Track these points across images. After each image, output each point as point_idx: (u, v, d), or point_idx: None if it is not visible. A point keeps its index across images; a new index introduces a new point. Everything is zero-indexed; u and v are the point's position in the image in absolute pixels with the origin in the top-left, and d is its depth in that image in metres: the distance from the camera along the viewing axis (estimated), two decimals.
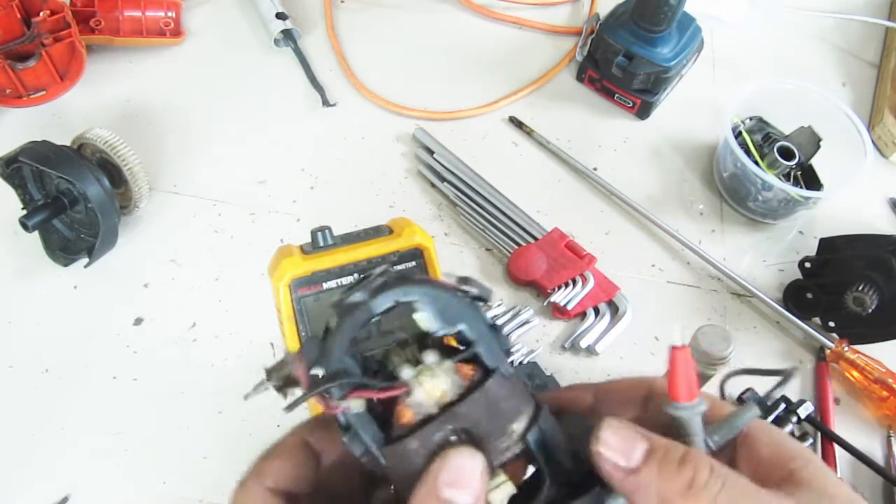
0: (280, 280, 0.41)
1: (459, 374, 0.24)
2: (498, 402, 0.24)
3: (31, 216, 0.59)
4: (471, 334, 0.25)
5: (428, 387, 0.23)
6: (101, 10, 0.74)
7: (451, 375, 0.24)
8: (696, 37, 0.76)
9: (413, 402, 0.24)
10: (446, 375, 0.24)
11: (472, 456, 0.23)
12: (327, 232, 0.43)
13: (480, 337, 0.25)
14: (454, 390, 0.24)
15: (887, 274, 0.61)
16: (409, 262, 0.44)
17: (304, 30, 0.82)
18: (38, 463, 0.55)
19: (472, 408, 0.23)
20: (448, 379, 0.24)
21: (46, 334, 0.60)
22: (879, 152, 0.80)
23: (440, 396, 0.23)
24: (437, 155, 0.71)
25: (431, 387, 0.23)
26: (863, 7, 0.93)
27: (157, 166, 0.70)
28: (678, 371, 0.24)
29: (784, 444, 0.25)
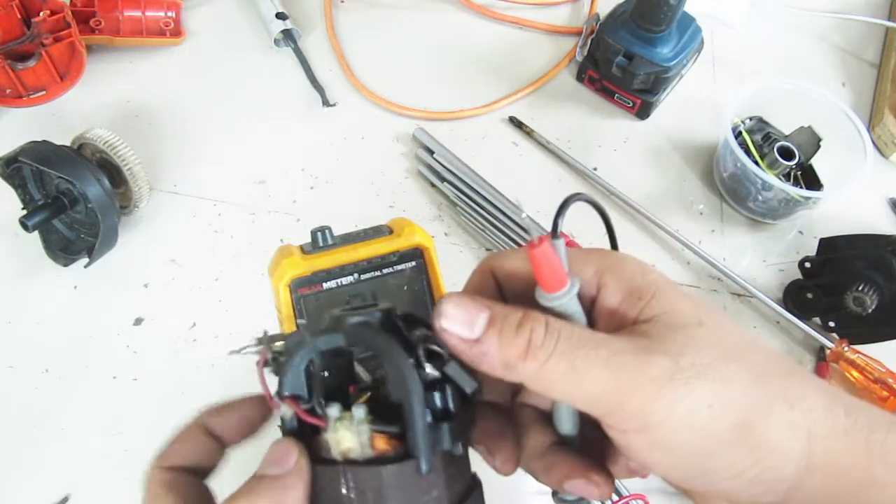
0: (280, 280, 0.41)
1: (372, 442, 0.24)
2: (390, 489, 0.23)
3: (31, 216, 0.59)
4: (408, 416, 0.24)
5: (338, 436, 0.24)
6: (101, 10, 0.74)
7: (363, 438, 0.23)
8: (696, 37, 0.76)
9: (324, 440, 0.24)
10: (359, 436, 0.23)
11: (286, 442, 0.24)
12: (327, 232, 0.43)
13: (414, 424, 0.23)
14: (361, 452, 0.23)
15: (887, 274, 0.61)
16: (409, 262, 0.44)
17: (304, 30, 0.82)
18: (38, 463, 0.55)
19: (364, 476, 0.23)
20: (358, 440, 0.23)
21: (46, 334, 0.60)
22: (879, 152, 0.79)
23: (345, 451, 0.24)
24: (437, 155, 0.71)
25: (340, 438, 0.24)
26: (863, 7, 0.93)
27: (157, 166, 0.70)
28: (541, 268, 0.24)
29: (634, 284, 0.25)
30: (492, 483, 0.29)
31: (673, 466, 0.24)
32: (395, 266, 0.43)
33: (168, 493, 0.26)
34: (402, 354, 0.24)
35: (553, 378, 0.23)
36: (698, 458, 0.23)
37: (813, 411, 0.24)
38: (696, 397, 0.22)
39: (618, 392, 0.22)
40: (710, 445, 0.23)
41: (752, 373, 0.24)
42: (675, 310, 0.24)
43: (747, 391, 0.23)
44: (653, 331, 0.24)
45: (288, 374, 0.25)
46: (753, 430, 0.23)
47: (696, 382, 0.22)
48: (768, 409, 0.23)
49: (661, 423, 0.22)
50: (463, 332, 0.24)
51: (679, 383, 0.22)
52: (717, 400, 0.23)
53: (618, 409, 0.23)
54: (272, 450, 0.24)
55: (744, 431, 0.23)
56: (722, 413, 0.23)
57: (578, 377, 0.23)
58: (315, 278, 0.42)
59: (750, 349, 0.25)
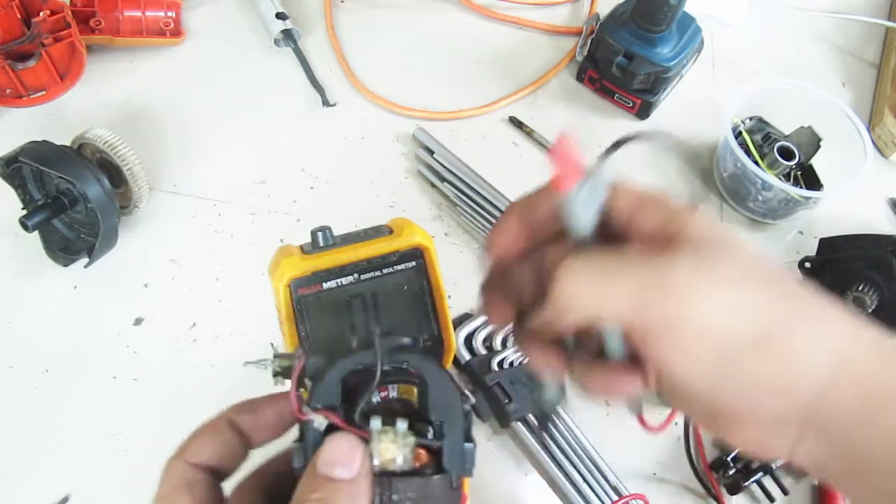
0: (280, 280, 0.41)
1: (415, 455, 0.25)
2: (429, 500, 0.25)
3: (31, 216, 0.59)
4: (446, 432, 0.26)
5: (382, 448, 0.25)
6: (101, 10, 0.74)
7: (407, 451, 0.25)
8: (696, 37, 0.76)
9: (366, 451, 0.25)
10: (403, 448, 0.25)
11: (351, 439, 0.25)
12: (327, 232, 0.43)
13: (452, 441, 0.26)
14: (402, 465, 0.25)
15: (887, 274, 0.61)
16: (409, 262, 0.43)
17: (304, 30, 0.82)
18: (38, 463, 0.55)
19: (406, 487, 0.24)
20: (401, 452, 0.25)
21: (46, 334, 0.60)
22: (879, 152, 0.80)
23: (387, 462, 0.25)
24: (437, 155, 0.71)
25: (385, 449, 0.25)
26: (863, 7, 0.93)
27: (157, 166, 0.70)
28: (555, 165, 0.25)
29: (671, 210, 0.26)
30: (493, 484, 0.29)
31: (696, 373, 0.24)
32: (395, 266, 0.43)
33: (185, 494, 0.26)
34: (451, 381, 0.26)
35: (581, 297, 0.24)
36: (720, 364, 0.23)
37: (840, 330, 0.24)
38: (720, 301, 0.23)
39: (644, 296, 0.23)
40: (733, 350, 0.23)
41: (781, 290, 0.24)
42: (710, 230, 0.25)
43: (773, 303, 0.23)
44: (684, 245, 0.24)
45: (323, 386, 0.26)
46: (778, 340, 0.23)
47: (722, 288, 0.23)
48: (794, 322, 0.23)
49: (685, 323, 0.23)
50: None
51: (705, 286, 0.23)
52: (741, 306, 0.23)
53: (644, 313, 0.23)
54: (334, 447, 0.24)
55: (767, 340, 0.23)
56: (746, 319, 0.23)
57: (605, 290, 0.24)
58: (315, 278, 0.42)
59: (781, 276, 0.25)
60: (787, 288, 0.24)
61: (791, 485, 0.58)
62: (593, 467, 0.57)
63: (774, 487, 0.57)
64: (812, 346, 0.24)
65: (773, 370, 0.23)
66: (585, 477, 0.56)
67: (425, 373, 0.26)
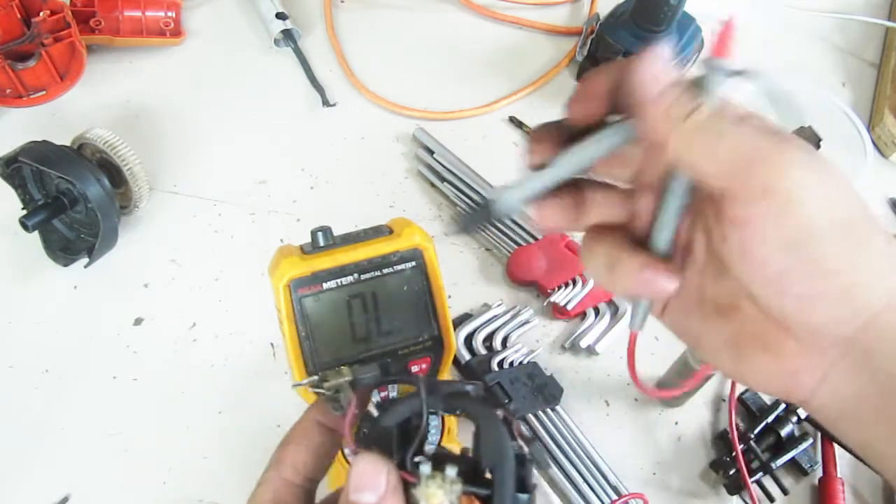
0: (280, 280, 0.41)
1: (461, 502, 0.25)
2: None
3: (31, 216, 0.59)
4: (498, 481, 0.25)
5: (429, 493, 0.24)
6: (101, 10, 0.74)
7: (453, 498, 0.24)
8: (696, 37, 0.76)
9: (413, 495, 0.25)
10: (449, 495, 0.24)
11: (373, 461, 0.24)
12: (327, 232, 0.43)
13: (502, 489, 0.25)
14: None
15: None
16: (408, 262, 0.44)
17: (304, 30, 0.82)
18: (38, 463, 0.55)
19: None
20: (448, 499, 0.24)
21: (46, 334, 0.60)
22: (879, 152, 0.79)
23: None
24: (437, 155, 0.71)
25: (431, 494, 0.24)
26: (863, 7, 0.93)
27: (157, 166, 0.70)
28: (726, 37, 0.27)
29: None
30: None
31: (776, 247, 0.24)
32: (395, 266, 0.43)
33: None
34: (501, 426, 0.26)
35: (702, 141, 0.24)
36: (804, 240, 0.23)
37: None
38: (824, 183, 0.23)
39: (755, 157, 0.23)
40: (821, 229, 0.23)
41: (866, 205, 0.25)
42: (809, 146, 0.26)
43: (863, 210, 0.24)
44: None
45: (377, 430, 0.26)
46: (861, 237, 0.23)
47: (825, 174, 0.23)
48: (876, 228, 0.24)
49: (787, 190, 0.23)
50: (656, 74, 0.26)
51: (810, 163, 0.23)
52: (840, 196, 0.24)
53: (749, 172, 0.23)
54: (358, 471, 0.24)
55: (854, 233, 0.23)
56: (840, 206, 0.23)
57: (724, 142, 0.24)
58: (315, 278, 0.42)
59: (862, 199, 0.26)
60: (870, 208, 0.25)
61: (791, 485, 0.58)
62: (593, 467, 0.57)
63: (774, 487, 0.57)
64: (885, 258, 0.24)
65: (845, 262, 0.23)
66: (585, 477, 0.56)
67: (479, 418, 0.26)
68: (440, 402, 0.26)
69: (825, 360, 0.25)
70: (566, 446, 0.57)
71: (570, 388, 0.61)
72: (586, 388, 0.61)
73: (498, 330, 0.62)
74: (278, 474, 0.27)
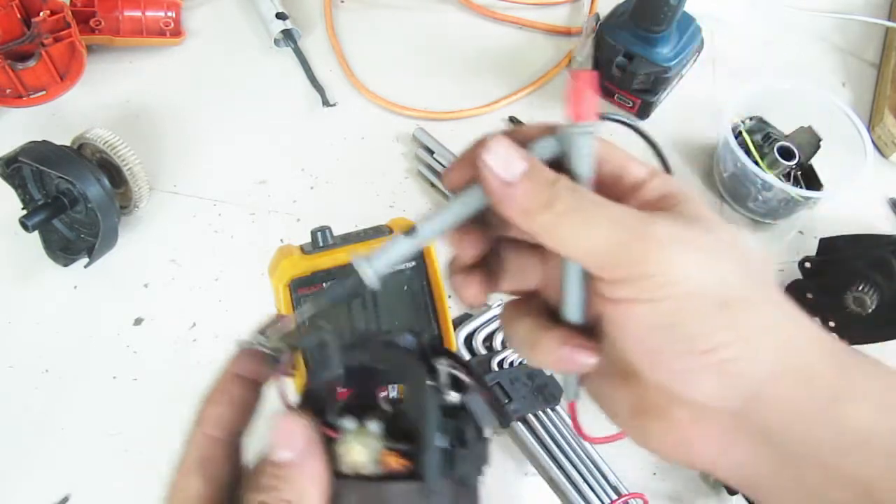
0: (280, 280, 0.41)
1: (382, 459, 0.23)
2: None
3: (31, 216, 0.59)
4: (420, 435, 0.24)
5: (349, 448, 0.23)
6: (101, 10, 0.74)
7: (374, 453, 0.23)
8: (696, 37, 0.76)
9: (336, 451, 0.24)
10: (368, 452, 0.23)
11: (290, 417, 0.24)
12: (327, 232, 0.43)
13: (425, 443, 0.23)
14: (370, 468, 0.23)
15: (887, 274, 0.61)
16: (408, 262, 0.44)
17: (304, 30, 0.82)
18: (38, 463, 0.55)
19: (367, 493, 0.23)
20: (369, 455, 0.23)
21: (46, 334, 0.60)
22: (879, 152, 0.79)
23: (354, 464, 0.23)
24: (437, 155, 0.71)
25: (351, 450, 0.23)
26: (863, 7, 0.93)
27: (157, 166, 0.70)
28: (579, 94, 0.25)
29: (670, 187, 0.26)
30: (493, 484, 0.29)
31: (650, 326, 0.24)
32: (395, 266, 0.43)
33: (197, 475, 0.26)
34: (422, 375, 0.24)
35: (565, 230, 0.24)
36: (675, 323, 0.23)
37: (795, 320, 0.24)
38: (695, 262, 0.23)
39: (621, 243, 0.23)
40: (693, 309, 0.23)
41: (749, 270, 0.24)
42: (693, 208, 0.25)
43: (743, 279, 0.24)
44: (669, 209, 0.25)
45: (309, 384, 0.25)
46: (736, 313, 0.23)
47: (696, 250, 0.24)
48: (755, 300, 0.24)
49: (652, 274, 0.23)
50: (501, 171, 0.25)
51: (683, 245, 0.23)
52: (713, 272, 0.23)
53: (616, 259, 0.23)
54: (276, 429, 0.24)
55: (728, 310, 0.23)
56: (714, 285, 0.23)
57: (588, 230, 0.24)
58: (315, 278, 0.42)
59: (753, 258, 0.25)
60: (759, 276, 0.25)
61: None
62: (593, 467, 0.57)
63: None
64: (766, 327, 0.24)
65: (724, 339, 0.23)
66: (585, 477, 0.56)
67: (401, 370, 0.25)
68: (367, 356, 0.26)
69: (719, 430, 0.25)
70: (566, 446, 0.57)
71: None
72: None
73: (498, 330, 0.62)
74: (201, 431, 0.27)
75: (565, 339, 0.27)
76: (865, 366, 0.24)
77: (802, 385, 0.23)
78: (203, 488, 0.25)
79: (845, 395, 0.23)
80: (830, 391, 0.23)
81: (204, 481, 0.25)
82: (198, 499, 0.25)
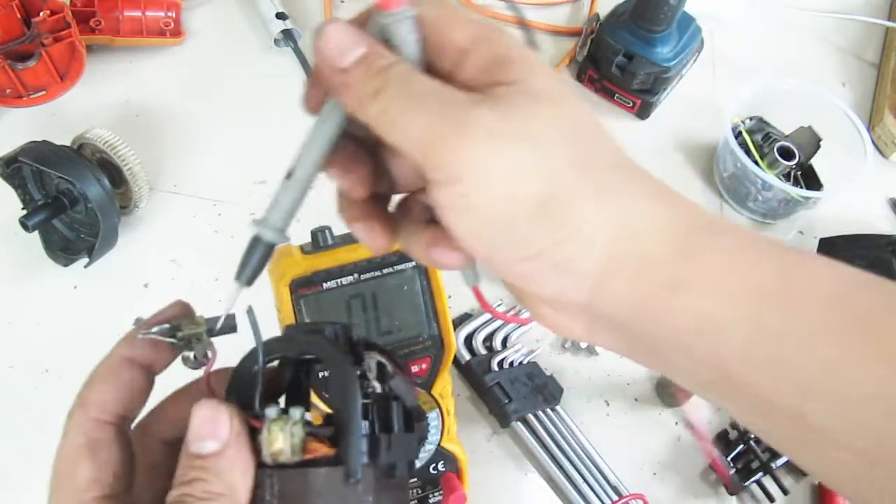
0: (280, 280, 0.41)
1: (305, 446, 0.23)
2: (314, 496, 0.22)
3: (31, 216, 0.59)
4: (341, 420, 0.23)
5: (270, 437, 0.23)
6: (101, 10, 0.74)
7: (296, 440, 0.23)
8: (696, 37, 0.76)
9: (259, 441, 0.23)
10: (289, 439, 0.22)
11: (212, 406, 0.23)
12: (327, 232, 0.43)
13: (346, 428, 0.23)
14: (291, 455, 0.23)
15: (887, 274, 0.61)
16: (408, 262, 0.44)
17: (304, 30, 0.82)
18: (38, 463, 0.55)
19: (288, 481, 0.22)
20: (288, 443, 0.22)
21: (46, 334, 0.60)
22: (879, 152, 0.80)
23: (275, 452, 0.22)
24: None
25: (273, 439, 0.22)
26: (863, 7, 0.93)
27: (157, 166, 0.70)
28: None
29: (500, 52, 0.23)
30: (493, 484, 0.29)
31: (474, 232, 0.23)
32: (395, 266, 0.43)
33: (87, 459, 0.24)
34: (344, 361, 0.24)
35: (388, 118, 0.22)
36: (497, 225, 0.22)
37: (632, 207, 0.23)
38: (508, 159, 0.21)
39: (433, 135, 0.21)
40: (511, 213, 0.22)
41: (581, 156, 0.22)
42: (530, 80, 0.23)
43: (565, 169, 0.22)
44: (496, 91, 0.22)
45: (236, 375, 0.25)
46: (557, 209, 0.22)
47: (515, 144, 0.21)
48: (580, 192, 0.22)
49: (465, 175, 0.21)
50: (335, 58, 0.23)
51: (495, 138, 0.21)
52: (529, 167, 0.22)
53: (430, 153, 0.22)
54: (197, 419, 0.23)
55: (547, 208, 0.22)
56: (530, 182, 0.21)
57: (405, 118, 0.22)
58: (315, 278, 0.42)
59: (592, 138, 0.23)
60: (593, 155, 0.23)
61: (791, 485, 0.58)
62: (593, 467, 0.57)
63: (774, 487, 0.57)
64: (593, 220, 0.22)
65: (548, 241, 0.22)
66: (585, 477, 0.56)
67: (324, 356, 0.24)
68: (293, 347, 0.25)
69: (580, 320, 0.25)
70: (566, 446, 0.57)
71: (570, 388, 0.61)
72: (586, 388, 0.62)
73: (498, 330, 0.62)
74: (85, 415, 0.25)
75: (433, 242, 0.26)
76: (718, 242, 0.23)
77: (637, 276, 0.22)
78: (94, 473, 0.23)
79: (683, 284, 0.22)
80: (668, 280, 0.22)
81: (95, 466, 0.23)
82: (89, 485, 0.23)
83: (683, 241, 0.22)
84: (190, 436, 0.23)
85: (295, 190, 0.27)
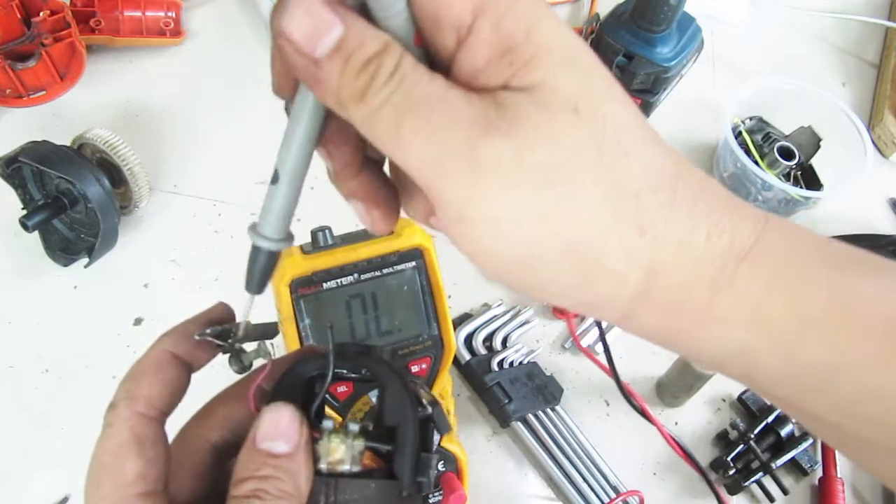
0: (280, 280, 0.41)
1: (365, 458, 0.24)
2: None
3: (31, 216, 0.59)
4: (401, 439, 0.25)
5: (331, 448, 0.24)
6: (101, 10, 0.74)
7: (355, 453, 0.24)
8: (696, 37, 0.76)
9: (316, 450, 0.24)
10: (349, 450, 0.24)
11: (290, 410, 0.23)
12: (327, 232, 0.43)
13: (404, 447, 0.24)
14: (350, 466, 0.24)
15: None
16: (408, 262, 0.44)
17: None
18: (39, 463, 0.55)
19: (348, 489, 0.23)
20: (348, 454, 0.24)
21: (46, 334, 0.60)
22: (879, 152, 0.80)
23: (334, 462, 0.24)
24: None
25: (333, 449, 0.24)
26: (863, 7, 0.93)
27: (157, 166, 0.70)
28: None
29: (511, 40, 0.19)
30: (493, 483, 0.29)
31: (495, 270, 0.21)
32: (395, 266, 0.43)
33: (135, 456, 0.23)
34: (404, 386, 0.25)
35: (379, 131, 0.19)
36: (522, 267, 0.20)
37: (667, 239, 0.21)
38: (527, 202, 0.19)
39: (438, 168, 0.19)
40: (532, 258, 0.20)
41: (609, 185, 0.20)
42: (551, 85, 0.19)
43: (590, 207, 0.19)
44: (512, 102, 0.19)
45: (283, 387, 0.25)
46: (586, 256, 0.20)
47: (534, 185, 0.19)
48: (611, 234, 0.20)
49: (478, 220, 0.19)
50: (304, 44, 0.19)
51: (511, 181, 0.19)
52: (550, 211, 0.19)
53: (434, 189, 0.19)
54: (272, 419, 0.23)
55: (576, 255, 0.20)
56: (553, 225, 0.19)
57: (403, 139, 0.19)
58: (315, 278, 0.42)
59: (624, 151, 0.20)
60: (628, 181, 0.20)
61: (791, 485, 0.58)
62: (593, 467, 0.57)
63: (774, 487, 0.57)
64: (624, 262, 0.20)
65: (578, 282, 0.21)
66: (585, 476, 0.56)
67: (382, 378, 0.26)
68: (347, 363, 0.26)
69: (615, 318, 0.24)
70: (566, 446, 0.57)
71: (570, 388, 0.61)
72: (586, 388, 0.62)
73: (498, 330, 0.62)
74: (132, 409, 0.25)
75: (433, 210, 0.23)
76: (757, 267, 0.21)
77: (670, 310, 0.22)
78: (141, 468, 0.23)
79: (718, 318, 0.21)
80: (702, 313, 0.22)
81: (142, 461, 0.23)
82: (135, 480, 0.23)
83: (720, 270, 0.21)
84: (261, 433, 0.23)
85: (284, 193, 0.25)
